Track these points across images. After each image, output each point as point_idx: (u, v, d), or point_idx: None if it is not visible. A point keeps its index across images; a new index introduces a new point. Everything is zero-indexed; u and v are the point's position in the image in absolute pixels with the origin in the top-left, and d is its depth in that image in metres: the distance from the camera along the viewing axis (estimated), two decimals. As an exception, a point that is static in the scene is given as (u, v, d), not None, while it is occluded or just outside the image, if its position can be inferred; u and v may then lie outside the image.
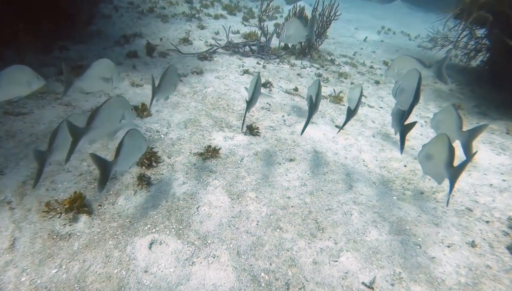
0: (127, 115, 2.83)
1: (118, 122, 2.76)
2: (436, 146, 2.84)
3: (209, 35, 9.60)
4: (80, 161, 3.54)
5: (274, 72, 7.48)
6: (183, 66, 6.90)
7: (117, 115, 2.72)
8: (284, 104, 5.89)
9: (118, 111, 2.73)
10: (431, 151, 2.89)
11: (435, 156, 2.87)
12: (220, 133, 4.65)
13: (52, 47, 6.30)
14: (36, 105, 4.40)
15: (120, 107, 2.76)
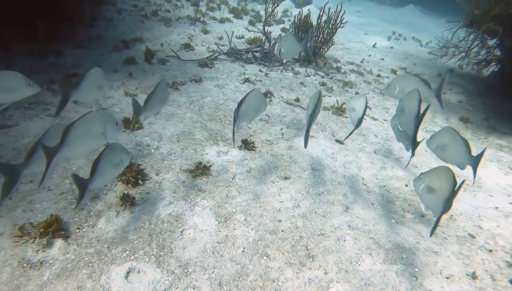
0: (109, 131, 2.71)
1: (97, 138, 2.65)
2: (440, 181, 2.72)
3: (212, 40, 9.53)
4: (62, 178, 3.47)
5: (276, 80, 7.36)
6: (182, 73, 6.83)
7: (96, 131, 2.60)
8: (283, 116, 5.76)
9: (97, 126, 2.62)
10: (434, 184, 2.75)
11: (438, 191, 2.73)
12: (214, 148, 4.54)
13: (48, 52, 6.29)
14: (23, 116, 4.36)
15: (101, 122, 2.64)
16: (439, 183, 2.73)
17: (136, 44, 8.04)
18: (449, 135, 3.31)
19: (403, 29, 19.60)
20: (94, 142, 2.64)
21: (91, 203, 3.29)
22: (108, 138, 2.67)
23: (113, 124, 2.72)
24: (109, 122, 2.69)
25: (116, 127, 2.75)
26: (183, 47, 8.39)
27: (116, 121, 2.74)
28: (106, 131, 2.66)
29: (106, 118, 2.69)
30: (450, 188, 2.66)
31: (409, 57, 12.46)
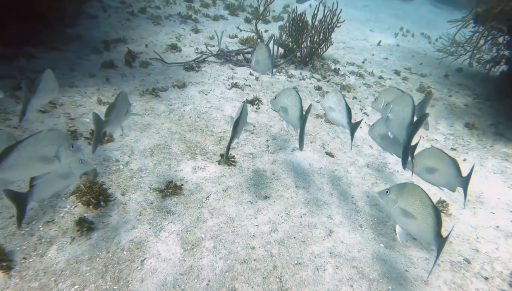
0: (62, 153, 2.56)
1: (46, 162, 2.50)
2: (420, 208, 2.57)
3: (202, 40, 9.41)
4: (15, 201, 3.35)
5: (267, 85, 7.21)
6: (165, 78, 6.71)
7: (45, 154, 2.44)
8: (270, 125, 5.62)
9: (47, 148, 2.46)
10: (414, 211, 2.59)
11: (419, 218, 2.57)
12: (191, 163, 4.41)
13: (18, 55, 6.19)
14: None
15: (52, 143, 2.47)
16: (415, 207, 2.57)
17: (118, 45, 7.94)
18: (436, 156, 3.18)
19: (412, 25, 19.37)
20: (43, 166, 2.48)
21: (43, 227, 3.18)
22: (62, 162, 2.52)
23: (67, 146, 2.56)
24: (62, 144, 2.53)
25: (71, 150, 2.57)
26: (169, 48, 8.27)
27: (73, 143, 2.57)
28: (59, 154, 2.50)
29: (58, 139, 2.52)
30: (433, 220, 2.51)
31: (416, 56, 12.27)
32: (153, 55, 7.52)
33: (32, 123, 4.49)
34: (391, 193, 2.70)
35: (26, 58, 6.27)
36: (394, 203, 2.66)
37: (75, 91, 5.51)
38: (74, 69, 6.29)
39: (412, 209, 2.52)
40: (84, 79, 6.02)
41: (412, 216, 2.53)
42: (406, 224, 2.62)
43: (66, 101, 5.14)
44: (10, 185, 2.52)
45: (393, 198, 2.68)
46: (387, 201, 2.73)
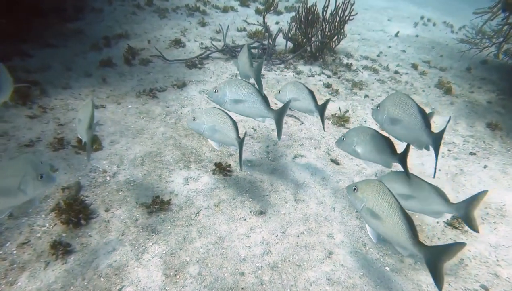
0: (28, 185, 2.20)
1: (9, 195, 2.19)
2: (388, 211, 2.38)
3: (208, 34, 9.08)
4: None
5: (273, 82, 6.86)
6: (165, 76, 6.44)
7: (6, 185, 2.16)
8: (273, 129, 5.29)
9: (8, 179, 2.19)
10: (382, 214, 2.39)
11: (388, 221, 2.38)
12: (183, 173, 4.15)
13: (12, 53, 6.03)
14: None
15: (15, 173, 2.18)
16: (382, 209, 2.37)
17: (119, 41, 7.71)
18: (401, 103, 2.83)
19: (434, 13, 18.48)
20: (5, 200, 2.19)
21: (17, 250, 2.98)
22: (28, 194, 2.23)
23: (34, 176, 2.21)
24: (28, 174, 2.22)
25: (40, 181, 2.22)
26: (173, 44, 7.99)
27: (42, 172, 2.23)
28: (24, 185, 2.20)
29: (24, 168, 2.21)
30: (403, 220, 2.32)
31: (436, 47, 11.61)
32: (154, 52, 7.25)
33: (19, 130, 4.30)
34: (359, 190, 2.50)
35: (20, 57, 6.10)
36: (361, 202, 2.48)
37: (68, 93, 5.31)
38: (70, 68, 6.10)
39: (380, 210, 2.36)
40: (80, 79, 5.81)
41: (380, 218, 2.37)
42: (376, 226, 2.45)
43: (58, 105, 4.94)
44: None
45: (360, 196, 2.49)
46: (355, 199, 2.54)
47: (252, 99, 3.18)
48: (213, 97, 3.31)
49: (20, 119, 4.49)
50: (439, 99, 7.46)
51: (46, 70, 5.90)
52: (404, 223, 2.30)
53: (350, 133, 3.18)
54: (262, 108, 3.21)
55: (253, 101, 3.19)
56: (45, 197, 3.50)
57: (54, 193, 3.55)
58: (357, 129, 3.17)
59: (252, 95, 3.17)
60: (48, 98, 5.04)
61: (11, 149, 3.98)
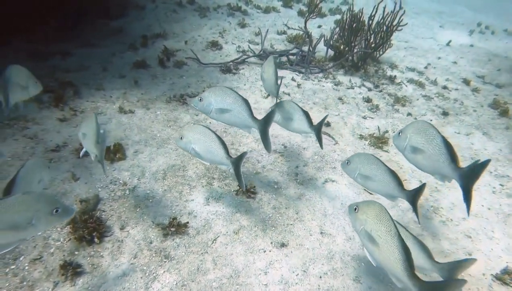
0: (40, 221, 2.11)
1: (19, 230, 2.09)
2: (385, 237, 2.28)
3: (247, 37, 8.87)
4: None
5: (309, 93, 6.53)
6: (198, 81, 6.31)
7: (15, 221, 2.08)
8: (304, 148, 4.99)
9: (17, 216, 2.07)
10: (379, 239, 2.30)
11: (385, 249, 2.28)
12: (205, 191, 3.97)
13: (55, 52, 6.12)
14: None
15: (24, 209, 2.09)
16: (380, 234, 2.28)
17: (157, 41, 7.67)
18: (424, 132, 2.74)
19: (494, 20, 17.17)
20: (15, 234, 2.08)
21: (29, 266, 2.92)
22: (40, 229, 2.14)
23: (47, 212, 2.11)
24: (41, 209, 2.09)
25: (54, 215, 2.12)
26: (209, 46, 7.86)
27: (58, 206, 2.14)
28: (37, 221, 2.08)
29: (37, 203, 2.10)
30: (400, 250, 2.21)
31: (493, 60, 10.70)
32: (190, 54, 7.14)
33: (47, 133, 4.31)
34: (360, 211, 2.43)
35: (62, 56, 6.19)
36: (361, 224, 2.41)
37: (100, 95, 5.30)
38: (106, 68, 6.11)
39: (377, 235, 2.29)
40: (113, 80, 5.80)
41: (377, 244, 2.29)
42: (372, 251, 2.38)
43: (88, 108, 4.93)
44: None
45: (360, 217, 2.42)
46: (355, 219, 2.46)
47: (238, 109, 3.07)
48: (199, 107, 3.16)
49: (50, 122, 4.50)
50: (492, 121, 6.80)
51: (84, 70, 5.94)
52: (400, 252, 2.20)
53: (354, 158, 3.09)
54: (247, 118, 3.10)
55: (239, 111, 3.08)
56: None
57: (72, 205, 3.48)
58: (361, 156, 3.07)
59: (237, 104, 3.06)
60: (80, 100, 5.04)
61: (38, 153, 3.99)
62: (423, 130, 2.72)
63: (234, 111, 3.08)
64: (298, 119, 3.53)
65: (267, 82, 3.72)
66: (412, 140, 2.77)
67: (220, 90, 3.08)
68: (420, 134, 2.73)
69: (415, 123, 2.81)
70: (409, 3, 17.62)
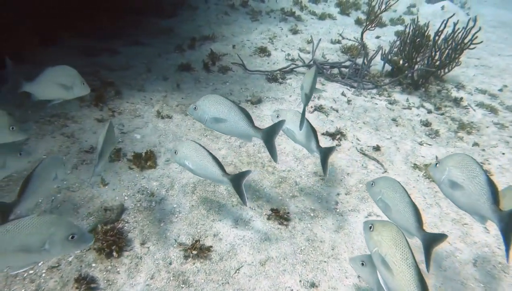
0: (54, 245, 2.14)
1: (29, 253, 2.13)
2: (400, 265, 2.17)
3: (298, 44, 8.66)
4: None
5: (359, 111, 6.17)
6: (241, 88, 6.19)
7: (27, 244, 2.11)
8: (348, 173, 4.66)
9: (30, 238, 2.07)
10: (393, 266, 2.19)
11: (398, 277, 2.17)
12: (234, 211, 3.80)
13: (103, 49, 6.29)
14: (38, 132, 4.25)
15: (37, 232, 2.13)
16: (395, 260, 2.17)
17: (204, 44, 7.69)
18: (466, 167, 2.57)
19: None
20: (27, 257, 2.13)
21: (47, 273, 2.90)
22: (54, 254, 2.17)
23: (63, 237, 2.14)
24: (55, 234, 2.14)
25: (70, 241, 2.15)
26: (257, 52, 7.74)
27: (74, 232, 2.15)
28: (50, 246, 2.11)
29: (52, 227, 2.15)
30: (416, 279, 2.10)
31: None
32: (237, 59, 7.06)
33: (84, 133, 4.37)
34: (375, 231, 2.34)
35: (110, 53, 6.35)
36: (375, 245, 2.31)
37: (140, 97, 5.33)
38: (150, 69, 6.17)
39: (392, 261, 2.18)
40: (156, 82, 5.83)
41: (390, 270, 2.18)
42: (385, 278, 2.25)
43: (127, 109, 4.96)
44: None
45: (374, 237, 2.32)
46: (369, 239, 2.36)
47: (234, 118, 3.03)
48: (194, 115, 3.14)
49: (88, 121, 4.57)
50: None
51: (128, 69, 6.05)
52: (417, 286, 2.08)
53: (380, 181, 2.92)
54: (246, 127, 3.06)
55: (235, 120, 3.04)
56: (87, 214, 3.42)
57: (98, 211, 3.45)
58: (387, 181, 2.89)
59: (232, 112, 3.02)
60: (120, 101, 5.10)
61: (73, 153, 4.04)
62: (465, 165, 2.57)
63: (230, 121, 3.04)
64: (305, 134, 3.43)
65: (302, 92, 3.58)
66: (451, 174, 2.62)
67: (214, 99, 3.05)
68: (461, 169, 2.58)
69: (456, 155, 2.68)
70: (486, 15, 16.48)
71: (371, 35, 10.41)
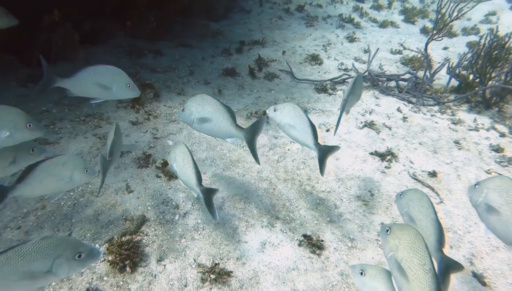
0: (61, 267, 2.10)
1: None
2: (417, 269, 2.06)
3: (354, 53, 8.23)
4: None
5: (416, 130, 5.63)
6: (287, 97, 5.92)
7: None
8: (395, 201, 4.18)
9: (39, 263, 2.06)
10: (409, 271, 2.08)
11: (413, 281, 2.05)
12: (263, 233, 3.53)
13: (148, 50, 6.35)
14: (71, 132, 4.30)
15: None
16: (411, 266, 2.07)
17: (253, 49, 7.54)
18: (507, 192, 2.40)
19: None
20: (31, 284, 2.10)
21: (57, 282, 2.83)
22: (62, 276, 2.12)
23: (70, 257, 2.12)
24: (61, 256, 2.10)
25: (78, 260, 2.12)
26: (308, 59, 7.44)
27: (82, 251, 2.13)
28: (57, 269, 2.07)
29: (58, 249, 2.13)
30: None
31: None
32: (285, 66, 6.82)
33: (115, 136, 4.34)
34: (392, 234, 2.24)
35: (154, 54, 6.40)
36: (391, 249, 2.20)
37: (179, 101, 5.26)
38: (192, 72, 6.12)
39: (408, 267, 2.09)
40: (197, 86, 5.76)
41: (406, 277, 2.08)
42: (401, 284, 2.14)
43: (163, 113, 4.90)
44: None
45: (391, 241, 2.22)
46: (385, 243, 2.25)
47: (218, 117, 2.99)
48: (182, 117, 3.12)
49: (123, 124, 4.56)
50: None
51: (171, 71, 6.04)
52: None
53: (408, 194, 2.82)
54: (229, 127, 3.00)
55: (220, 120, 2.99)
56: (108, 222, 3.34)
57: (118, 220, 3.36)
58: (416, 193, 2.79)
59: (218, 112, 2.98)
60: (158, 104, 5.06)
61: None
62: (506, 190, 2.42)
63: (215, 121, 3.00)
64: (302, 130, 3.22)
65: (342, 98, 3.50)
66: (488, 197, 2.49)
67: (201, 98, 3.04)
68: (501, 193, 2.43)
69: (498, 178, 2.52)
70: None
71: (438, 46, 9.66)
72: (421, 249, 2.11)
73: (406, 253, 2.13)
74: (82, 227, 3.23)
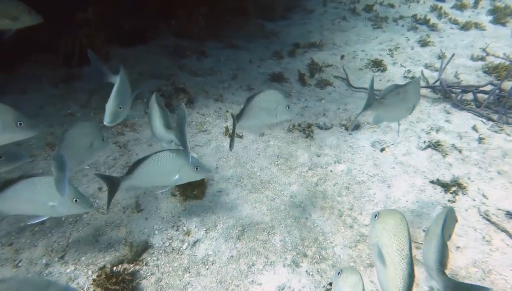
0: None
1: None
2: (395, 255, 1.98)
3: (424, 59, 7.20)
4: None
5: (494, 155, 4.60)
6: (338, 109, 5.22)
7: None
8: (457, 246, 3.33)
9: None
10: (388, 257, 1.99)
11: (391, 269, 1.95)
12: (284, 273, 2.94)
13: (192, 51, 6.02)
14: (95, 139, 4.06)
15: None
16: (390, 251, 1.99)
17: (308, 52, 6.90)
18: None
19: None
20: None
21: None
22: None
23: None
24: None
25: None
26: (370, 65, 6.61)
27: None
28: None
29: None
30: None
31: None
32: (341, 72, 6.09)
33: (138, 145, 4.03)
34: (379, 219, 2.13)
35: (198, 56, 6.06)
36: (376, 236, 2.11)
37: (215, 108, 4.84)
38: (236, 76, 5.66)
39: (386, 252, 1.99)
40: (237, 92, 5.29)
41: (383, 262, 1.99)
42: (378, 270, 2.05)
43: (194, 121, 4.51)
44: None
45: (378, 227, 2.11)
46: (372, 229, 2.16)
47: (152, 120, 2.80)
48: None
49: (147, 132, 4.23)
50: None
51: (212, 74, 5.65)
52: (405, 281, 1.88)
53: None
54: (161, 129, 2.75)
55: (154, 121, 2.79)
56: (107, 244, 2.98)
57: (119, 244, 2.99)
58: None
59: (152, 116, 2.79)
60: (190, 111, 4.67)
61: (117, 167, 3.72)
62: None
63: (150, 123, 2.82)
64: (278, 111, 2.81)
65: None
66: None
67: None
68: None
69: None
70: None
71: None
72: (403, 235, 2.03)
73: (388, 238, 2.06)
74: (77, 249, 2.90)
